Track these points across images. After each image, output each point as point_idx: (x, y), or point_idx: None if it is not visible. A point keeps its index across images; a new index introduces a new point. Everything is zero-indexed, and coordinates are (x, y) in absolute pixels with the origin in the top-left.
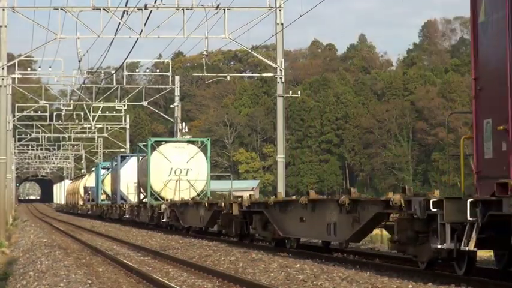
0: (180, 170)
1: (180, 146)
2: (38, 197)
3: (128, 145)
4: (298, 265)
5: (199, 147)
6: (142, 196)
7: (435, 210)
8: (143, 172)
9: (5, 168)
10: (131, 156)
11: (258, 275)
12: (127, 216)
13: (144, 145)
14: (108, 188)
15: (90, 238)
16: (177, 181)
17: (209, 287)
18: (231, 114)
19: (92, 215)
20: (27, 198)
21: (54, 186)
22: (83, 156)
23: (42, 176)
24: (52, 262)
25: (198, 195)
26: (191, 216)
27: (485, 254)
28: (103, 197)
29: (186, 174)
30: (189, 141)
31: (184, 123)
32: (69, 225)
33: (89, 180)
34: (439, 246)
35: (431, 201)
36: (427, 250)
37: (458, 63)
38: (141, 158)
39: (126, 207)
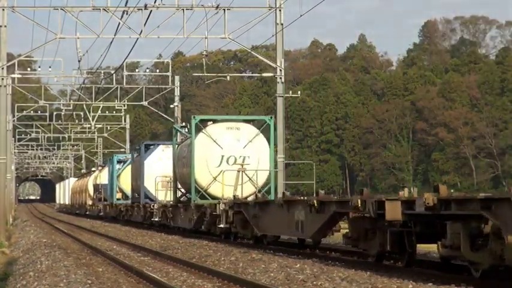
0: (234, 158)
1: (234, 127)
2: (38, 197)
3: (127, 145)
4: (298, 265)
5: (259, 129)
6: (179, 193)
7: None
8: (183, 162)
9: (5, 168)
10: (158, 144)
11: (258, 275)
12: (156, 219)
13: (182, 126)
14: (125, 185)
15: (90, 238)
16: (239, 171)
17: (209, 287)
18: (231, 114)
19: (104, 217)
20: (27, 198)
21: (57, 185)
22: (83, 156)
23: (42, 176)
24: (52, 262)
25: (259, 191)
26: (274, 222)
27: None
28: (118, 195)
29: (243, 164)
30: (245, 120)
31: (184, 123)
32: (69, 225)
33: (101, 177)
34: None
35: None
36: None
37: (458, 63)
38: (176, 145)
39: (155, 207)
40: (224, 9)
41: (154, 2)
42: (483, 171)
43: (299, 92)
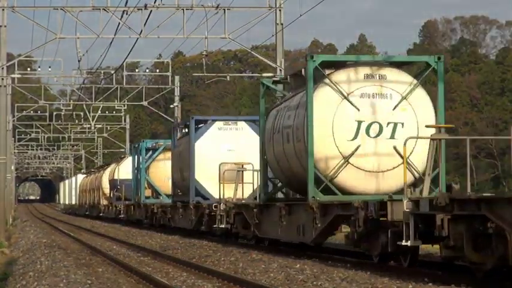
0: (378, 126)
1: (377, 74)
2: (38, 197)
3: (127, 145)
4: (298, 265)
5: (415, 77)
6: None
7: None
8: (283, 135)
9: (5, 168)
10: (213, 120)
11: (258, 275)
12: (222, 226)
13: (277, 80)
14: (157, 179)
15: (90, 238)
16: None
17: (209, 287)
18: (231, 114)
19: (126, 221)
20: (26, 198)
21: (61, 184)
22: (83, 156)
23: (42, 176)
24: (52, 262)
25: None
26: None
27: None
28: (147, 192)
29: (392, 135)
30: (392, 62)
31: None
32: (69, 225)
33: (119, 171)
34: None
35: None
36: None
37: (458, 63)
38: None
39: (220, 208)
40: (224, 9)
41: (154, 2)
42: (483, 171)
43: None
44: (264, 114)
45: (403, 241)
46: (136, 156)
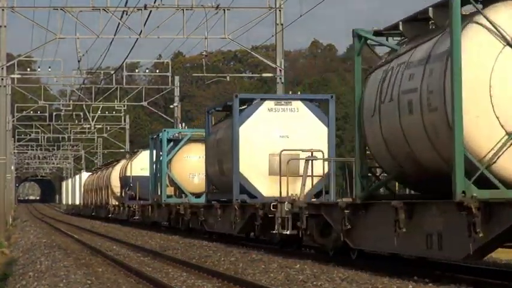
0: None
1: None
2: (38, 198)
3: (127, 145)
4: (298, 265)
5: None
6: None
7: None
8: (410, 101)
9: (5, 169)
10: (262, 99)
11: (258, 276)
12: (286, 232)
13: (379, 31)
14: (180, 175)
15: (90, 238)
16: None
17: (209, 287)
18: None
19: (141, 223)
20: (26, 198)
21: (63, 183)
22: (83, 157)
23: (41, 176)
24: (52, 262)
25: None
26: None
27: None
28: (170, 190)
29: None
30: None
31: (184, 124)
32: (69, 225)
33: (132, 167)
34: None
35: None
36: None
37: None
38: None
39: (284, 208)
40: (224, 10)
41: (154, 2)
42: None
43: (299, 92)
44: (360, 79)
45: None
46: (155, 149)
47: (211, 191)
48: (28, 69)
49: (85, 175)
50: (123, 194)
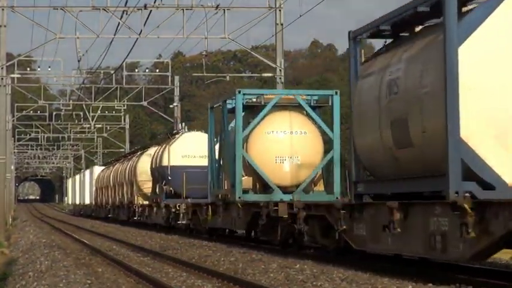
0: None
1: None
2: (38, 197)
3: (127, 145)
4: (298, 265)
5: None
6: None
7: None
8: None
9: (5, 168)
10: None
11: (258, 276)
12: None
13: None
14: (265, 161)
15: (90, 238)
16: None
17: (209, 287)
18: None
19: (195, 230)
20: (26, 198)
21: (69, 181)
22: (83, 156)
23: (41, 176)
24: (51, 262)
25: None
26: None
27: None
28: (247, 182)
29: None
30: None
31: (184, 124)
32: (69, 225)
33: (171, 153)
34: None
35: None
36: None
37: None
38: None
39: None
40: (224, 9)
41: (154, 2)
42: None
43: None
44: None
45: None
46: (220, 122)
47: (364, 180)
48: (28, 69)
49: (97, 170)
50: (156, 191)
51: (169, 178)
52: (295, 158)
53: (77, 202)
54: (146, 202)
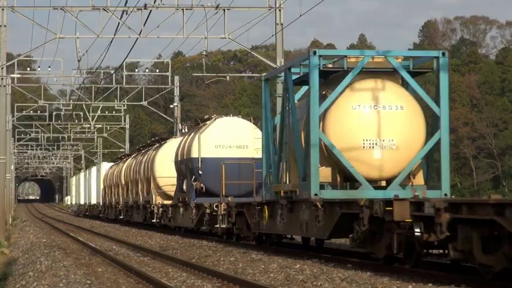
0: None
1: None
2: (37, 197)
3: (127, 145)
4: (298, 265)
5: None
6: None
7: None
8: None
9: (5, 168)
10: None
11: (258, 276)
12: None
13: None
14: (348, 143)
15: (90, 238)
16: None
17: (209, 287)
18: (231, 114)
19: (240, 237)
20: (26, 198)
21: (72, 179)
22: (83, 156)
23: (41, 176)
24: (51, 262)
25: None
26: None
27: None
28: (325, 173)
29: None
30: None
31: (184, 123)
32: (69, 225)
33: (205, 143)
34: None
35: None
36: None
37: (458, 63)
38: None
39: None
40: (224, 9)
41: (154, 2)
42: (483, 172)
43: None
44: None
45: None
46: (283, 94)
47: None
48: (28, 69)
49: (105, 166)
50: (183, 188)
51: (200, 173)
52: (388, 142)
53: (82, 202)
54: (167, 202)
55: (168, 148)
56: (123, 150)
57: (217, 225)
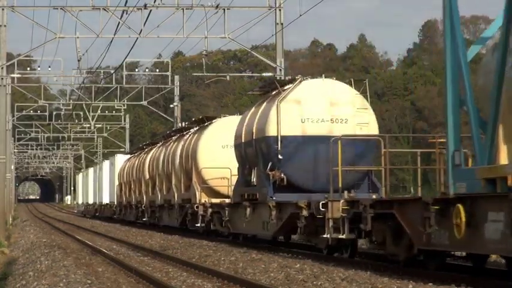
0: None
1: None
2: (38, 197)
3: (127, 145)
4: (298, 265)
5: None
6: None
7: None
8: None
9: (5, 168)
10: None
11: (258, 275)
12: None
13: None
14: None
15: (90, 238)
16: None
17: (209, 287)
18: (231, 114)
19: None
20: (26, 198)
21: (79, 176)
22: (83, 156)
23: (41, 175)
24: (52, 262)
25: None
26: None
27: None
28: None
29: None
30: None
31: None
32: (69, 225)
33: (284, 115)
34: (325, 236)
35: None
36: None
37: None
38: None
39: None
40: (224, 9)
41: (154, 2)
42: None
43: None
44: None
45: None
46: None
47: None
48: (28, 69)
49: (120, 159)
50: (252, 179)
51: (280, 158)
52: None
53: (90, 201)
54: (215, 200)
55: (217, 130)
56: (123, 150)
57: (327, 235)
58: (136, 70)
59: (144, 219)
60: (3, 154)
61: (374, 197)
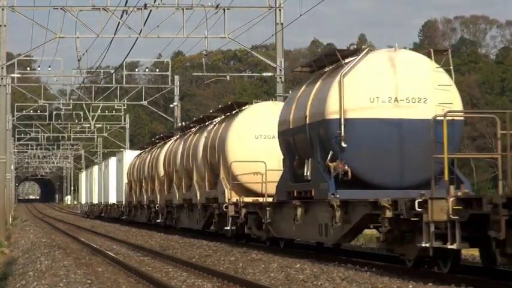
0: None
1: None
2: (38, 197)
3: (127, 145)
4: (298, 265)
5: None
6: None
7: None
8: None
9: (5, 168)
10: None
11: (258, 275)
12: None
13: None
14: None
15: (90, 238)
16: None
17: (209, 287)
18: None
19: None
20: (26, 198)
21: (82, 174)
22: (83, 156)
23: (41, 175)
24: (51, 262)
25: None
26: None
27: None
28: None
29: None
30: None
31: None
32: (69, 225)
33: (348, 94)
34: (424, 245)
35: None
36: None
37: (458, 62)
38: None
39: None
40: (224, 9)
41: (154, 2)
42: (483, 171)
43: None
44: None
45: None
46: None
47: None
48: (28, 69)
49: (130, 156)
50: (306, 173)
51: (344, 146)
52: None
53: (95, 201)
54: (247, 199)
55: (249, 118)
56: (123, 150)
57: (425, 244)
58: (136, 70)
59: (158, 220)
60: (3, 154)
61: (459, 194)
